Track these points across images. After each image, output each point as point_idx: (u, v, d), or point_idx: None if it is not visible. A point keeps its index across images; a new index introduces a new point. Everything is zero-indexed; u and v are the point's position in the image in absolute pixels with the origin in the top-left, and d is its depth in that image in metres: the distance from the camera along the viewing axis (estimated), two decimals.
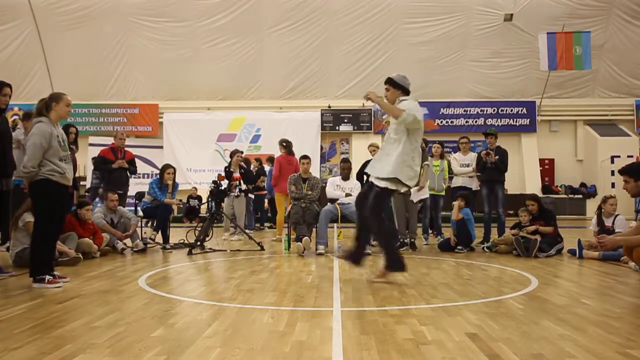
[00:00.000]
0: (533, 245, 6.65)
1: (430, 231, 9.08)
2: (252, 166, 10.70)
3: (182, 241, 8.06)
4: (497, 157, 8.00)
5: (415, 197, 7.77)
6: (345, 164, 7.91)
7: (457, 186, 8.43)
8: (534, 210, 7.06)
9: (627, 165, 4.49)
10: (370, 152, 8.20)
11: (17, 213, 5.64)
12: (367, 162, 8.20)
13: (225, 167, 9.12)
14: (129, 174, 8.75)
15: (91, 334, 2.95)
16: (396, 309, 3.60)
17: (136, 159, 9.23)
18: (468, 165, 8.47)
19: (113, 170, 8.40)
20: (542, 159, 18.38)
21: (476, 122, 18.13)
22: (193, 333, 2.96)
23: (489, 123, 17.77)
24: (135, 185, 15.80)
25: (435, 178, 8.60)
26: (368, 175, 5.03)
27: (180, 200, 10.36)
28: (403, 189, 4.96)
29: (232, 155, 9.74)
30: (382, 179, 4.71)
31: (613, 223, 6.57)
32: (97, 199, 9.21)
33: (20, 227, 5.65)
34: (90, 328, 3.08)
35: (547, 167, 18.56)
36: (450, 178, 9.01)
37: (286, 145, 9.48)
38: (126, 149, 8.94)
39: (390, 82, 4.95)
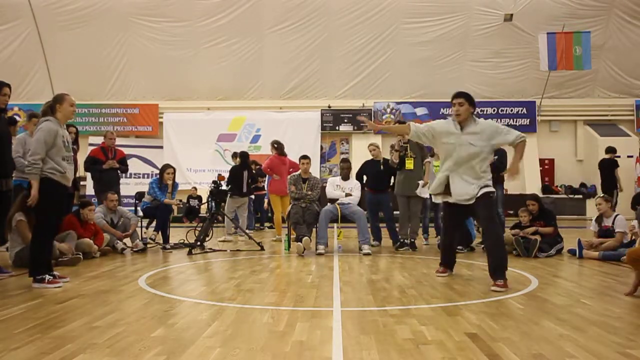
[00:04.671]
0: (533, 245, 6.65)
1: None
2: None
3: (182, 241, 8.06)
4: (495, 157, 8.00)
5: (423, 192, 7.83)
6: (345, 164, 7.91)
7: None
8: (534, 210, 7.05)
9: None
10: (370, 151, 8.20)
11: (9, 214, 5.60)
12: (367, 162, 8.23)
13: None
14: (120, 174, 8.69)
15: (91, 334, 2.95)
16: (396, 309, 3.60)
17: (136, 159, 9.21)
18: None
19: (104, 170, 8.31)
20: (542, 159, 18.37)
21: None
22: (193, 333, 2.97)
23: None
24: (135, 186, 15.85)
25: (435, 178, 8.60)
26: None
27: (180, 201, 10.35)
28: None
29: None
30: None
31: (613, 223, 6.56)
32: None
33: (14, 227, 5.63)
34: (90, 328, 3.08)
35: (547, 167, 18.55)
36: None
37: (277, 146, 9.51)
38: (122, 148, 8.89)
39: (467, 98, 4.79)
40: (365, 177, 8.16)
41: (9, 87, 5.25)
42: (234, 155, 11.48)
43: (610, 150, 11.08)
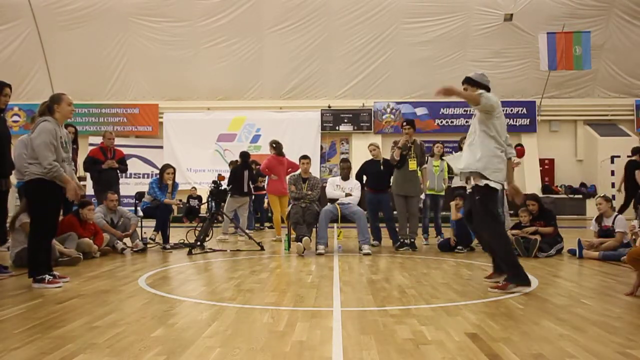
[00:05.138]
0: (533, 245, 6.65)
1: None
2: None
3: (182, 241, 8.06)
4: None
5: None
6: (345, 164, 7.91)
7: (457, 186, 8.42)
8: (534, 210, 7.05)
9: None
10: (370, 151, 8.20)
11: (15, 213, 5.64)
12: (367, 162, 8.23)
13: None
14: (119, 173, 8.67)
15: (91, 334, 2.95)
16: (396, 309, 3.60)
17: (136, 159, 9.22)
18: None
19: (103, 171, 8.26)
20: (542, 159, 18.38)
21: None
22: (193, 333, 2.96)
23: None
24: (135, 186, 15.85)
25: (435, 178, 8.61)
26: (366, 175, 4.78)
27: (180, 200, 10.35)
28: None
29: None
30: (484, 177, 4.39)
31: (613, 223, 6.56)
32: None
33: (17, 227, 5.65)
34: (90, 328, 3.08)
35: (547, 167, 18.55)
36: (450, 178, 9.02)
37: (276, 146, 9.52)
38: (122, 148, 8.87)
39: (468, 81, 4.68)
40: (365, 177, 8.16)
41: (9, 87, 5.25)
42: (231, 163, 11.58)
43: (637, 150, 10.88)
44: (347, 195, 7.43)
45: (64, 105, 4.69)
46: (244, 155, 9.80)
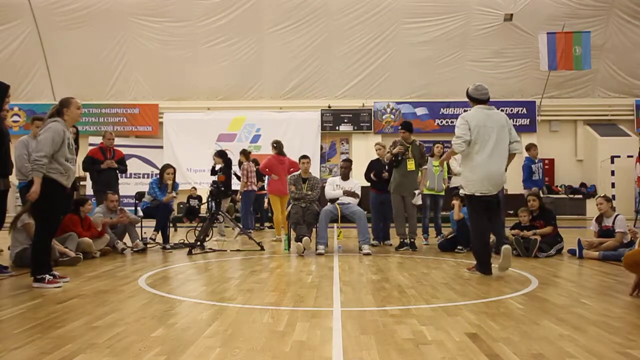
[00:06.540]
0: (533, 245, 6.65)
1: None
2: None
3: (182, 241, 8.06)
4: None
5: (418, 200, 7.86)
6: (345, 164, 7.90)
7: (456, 186, 8.43)
8: (534, 207, 7.05)
9: None
10: (376, 150, 8.23)
11: (17, 214, 5.65)
12: (374, 161, 8.27)
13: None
14: (118, 173, 8.66)
15: (91, 334, 2.95)
16: (396, 309, 3.60)
17: (136, 159, 9.21)
18: None
19: (102, 171, 8.23)
20: (542, 158, 18.20)
21: None
22: (193, 333, 2.97)
23: None
24: (135, 186, 15.86)
25: (435, 178, 8.61)
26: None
27: (177, 194, 10.30)
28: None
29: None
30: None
31: (613, 223, 6.56)
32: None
33: (19, 227, 5.65)
34: (90, 328, 3.08)
35: (547, 167, 18.52)
36: (450, 178, 9.02)
37: (277, 146, 9.52)
38: (122, 148, 8.86)
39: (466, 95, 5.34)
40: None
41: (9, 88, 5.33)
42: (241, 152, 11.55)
43: None
44: (347, 193, 7.40)
45: (72, 109, 4.77)
46: (222, 154, 9.72)
